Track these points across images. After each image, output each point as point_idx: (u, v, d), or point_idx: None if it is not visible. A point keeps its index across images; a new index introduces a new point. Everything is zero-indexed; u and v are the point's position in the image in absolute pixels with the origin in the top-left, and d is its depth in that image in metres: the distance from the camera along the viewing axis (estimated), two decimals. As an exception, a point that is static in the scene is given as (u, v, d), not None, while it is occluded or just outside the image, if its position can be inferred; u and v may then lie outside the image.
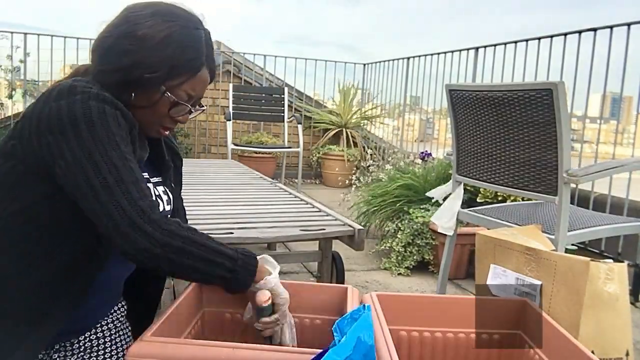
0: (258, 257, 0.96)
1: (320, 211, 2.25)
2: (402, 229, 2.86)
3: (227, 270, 0.89)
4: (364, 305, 0.80)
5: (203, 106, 1.04)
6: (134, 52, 0.91)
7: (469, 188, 2.91)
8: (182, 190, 1.23)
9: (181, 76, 0.94)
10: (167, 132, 1.02)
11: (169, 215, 1.08)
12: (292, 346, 1.05)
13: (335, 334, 0.76)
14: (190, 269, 0.87)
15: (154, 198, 0.90)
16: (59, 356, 0.96)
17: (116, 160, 0.83)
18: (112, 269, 0.99)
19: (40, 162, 0.86)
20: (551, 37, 3.36)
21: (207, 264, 0.87)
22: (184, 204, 1.26)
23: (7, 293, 0.87)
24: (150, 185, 1.02)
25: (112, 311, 1.08)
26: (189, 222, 1.87)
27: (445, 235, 2.22)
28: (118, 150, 0.84)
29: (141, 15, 0.93)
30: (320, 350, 0.78)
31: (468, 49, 4.34)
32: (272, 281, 0.95)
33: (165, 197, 1.08)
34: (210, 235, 0.89)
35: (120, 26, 0.93)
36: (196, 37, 0.96)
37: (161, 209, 1.03)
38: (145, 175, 1.01)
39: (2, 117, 5.55)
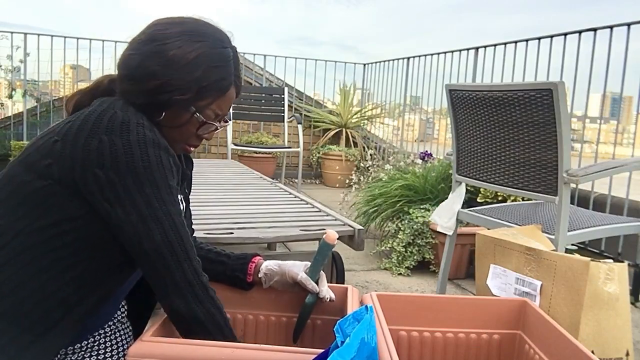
0: None
1: (320, 211, 2.24)
2: (402, 229, 2.86)
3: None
4: (367, 307, 0.80)
5: (227, 121, 1.04)
6: (162, 73, 0.90)
7: (469, 188, 2.91)
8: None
9: (210, 97, 0.94)
10: (192, 150, 1.02)
11: None
12: (330, 299, 1.11)
13: (337, 334, 0.76)
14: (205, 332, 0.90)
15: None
16: (58, 357, 0.96)
17: (176, 218, 0.87)
18: (126, 283, 1.00)
19: (80, 188, 0.86)
20: (551, 37, 3.36)
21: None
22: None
23: (20, 302, 0.86)
24: None
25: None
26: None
27: (446, 234, 2.22)
28: (176, 205, 0.88)
29: (169, 34, 0.91)
30: (322, 351, 0.78)
31: (468, 49, 4.34)
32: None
33: (181, 206, 1.08)
34: (210, 234, 0.90)
35: (147, 44, 0.92)
36: (225, 56, 0.95)
37: None
38: None
39: (2, 117, 5.55)
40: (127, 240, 0.86)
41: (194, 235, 1.21)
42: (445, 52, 4.66)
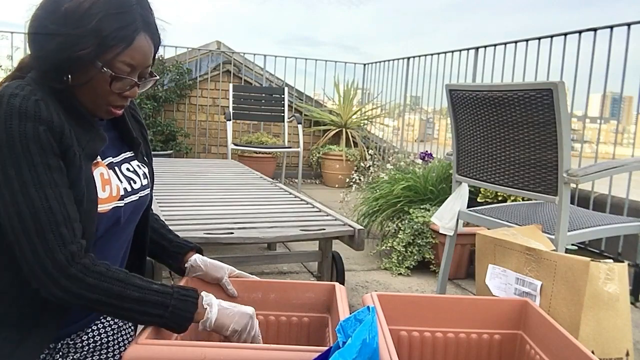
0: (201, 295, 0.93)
1: (320, 211, 2.25)
2: (402, 228, 2.86)
3: (158, 317, 0.87)
4: (369, 307, 0.80)
5: (155, 75, 0.97)
6: (58, 30, 0.84)
7: (470, 189, 2.92)
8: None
9: (115, 47, 0.86)
10: (119, 111, 0.94)
11: (147, 190, 1.06)
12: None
13: (339, 334, 0.76)
14: (117, 316, 0.87)
15: (78, 240, 0.85)
16: (61, 355, 0.96)
17: (37, 202, 0.81)
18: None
19: None
20: (551, 37, 3.36)
21: (133, 313, 0.86)
22: (183, 204, 1.26)
23: (1, 302, 0.88)
24: (123, 164, 1.01)
25: None
26: (190, 223, 1.88)
27: (446, 234, 2.22)
28: (39, 187, 0.81)
29: None
30: (324, 350, 0.78)
31: (468, 49, 4.34)
32: (210, 323, 0.91)
33: (141, 171, 1.05)
34: (211, 234, 0.87)
35: (42, 6, 0.87)
36: (124, 2, 0.87)
37: (137, 185, 1.02)
38: (110, 159, 0.98)
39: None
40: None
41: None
42: (445, 52, 4.66)
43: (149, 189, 1.07)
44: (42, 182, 0.82)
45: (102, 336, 1.02)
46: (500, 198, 2.91)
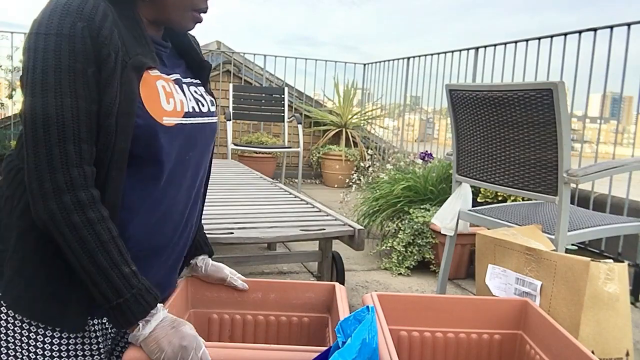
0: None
1: (320, 211, 2.25)
2: (402, 228, 2.86)
3: (104, 299, 0.81)
4: (368, 307, 0.80)
5: None
6: None
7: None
8: None
9: None
10: (202, 18, 0.93)
11: (215, 118, 1.01)
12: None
13: (338, 335, 0.76)
14: (72, 269, 0.82)
15: (82, 165, 0.80)
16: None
17: (51, 110, 0.77)
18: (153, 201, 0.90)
19: None
20: (551, 37, 3.36)
21: (86, 277, 0.80)
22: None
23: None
24: (191, 86, 0.98)
25: None
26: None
27: (446, 234, 2.22)
28: (58, 94, 0.78)
29: None
30: (323, 350, 0.78)
31: (468, 49, 4.34)
32: (140, 336, 0.83)
33: (208, 98, 1.01)
34: (211, 234, 0.84)
35: None
36: None
37: (205, 109, 0.98)
38: (177, 75, 0.94)
39: (2, 117, 5.55)
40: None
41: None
42: (445, 52, 4.66)
43: (216, 118, 1.03)
44: (62, 90, 0.78)
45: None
46: (500, 198, 2.91)
